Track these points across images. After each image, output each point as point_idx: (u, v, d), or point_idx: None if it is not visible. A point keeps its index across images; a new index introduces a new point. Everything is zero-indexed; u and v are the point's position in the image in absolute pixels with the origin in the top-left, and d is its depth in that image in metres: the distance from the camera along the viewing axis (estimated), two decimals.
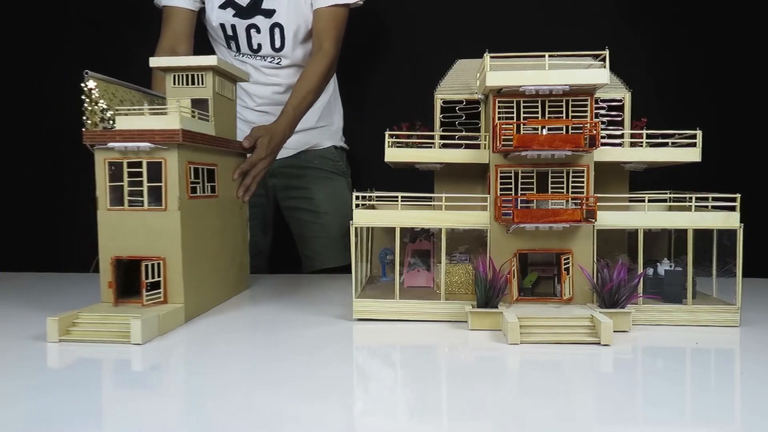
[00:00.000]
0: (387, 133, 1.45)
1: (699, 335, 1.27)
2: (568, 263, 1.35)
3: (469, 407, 0.89)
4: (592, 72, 1.28)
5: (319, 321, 1.40)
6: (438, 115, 1.52)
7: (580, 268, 1.34)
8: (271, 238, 2.23)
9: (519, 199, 1.32)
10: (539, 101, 1.35)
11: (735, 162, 2.20)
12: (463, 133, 1.49)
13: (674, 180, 1.73)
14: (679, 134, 1.42)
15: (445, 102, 1.52)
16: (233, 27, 1.99)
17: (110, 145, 1.33)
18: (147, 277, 1.32)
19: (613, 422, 0.84)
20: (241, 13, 1.97)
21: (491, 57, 1.32)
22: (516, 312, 1.26)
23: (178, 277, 1.36)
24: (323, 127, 2.16)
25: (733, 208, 1.34)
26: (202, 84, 1.51)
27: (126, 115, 1.34)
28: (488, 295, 1.30)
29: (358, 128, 2.31)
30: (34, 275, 2.03)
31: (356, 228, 1.39)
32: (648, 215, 1.36)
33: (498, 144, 1.31)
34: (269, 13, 1.97)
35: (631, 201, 1.48)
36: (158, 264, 1.35)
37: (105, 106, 1.35)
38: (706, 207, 1.38)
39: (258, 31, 1.99)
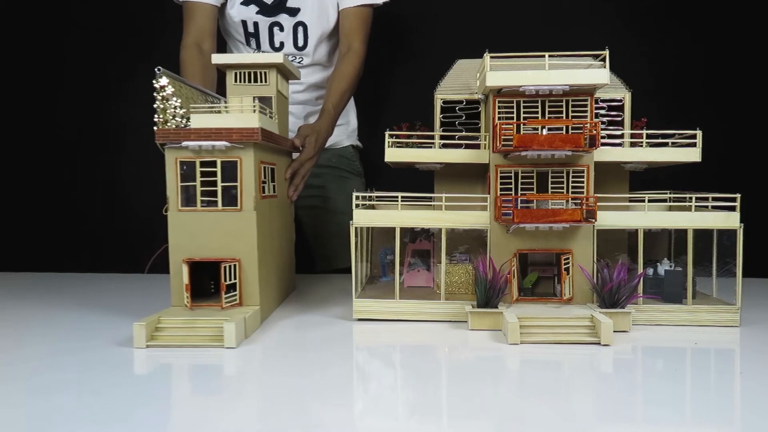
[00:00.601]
0: (387, 133, 1.45)
1: (699, 335, 1.27)
2: (568, 263, 1.35)
3: (469, 407, 0.89)
4: (592, 72, 1.29)
5: (320, 321, 1.40)
6: (438, 115, 1.52)
7: (580, 268, 1.34)
8: None
9: (519, 199, 1.32)
10: (539, 101, 1.35)
11: (735, 162, 2.20)
12: (463, 133, 1.49)
13: (674, 180, 1.73)
14: (679, 134, 1.42)
15: (445, 102, 1.52)
16: (255, 24, 1.98)
17: (184, 143, 1.29)
18: (225, 280, 1.29)
19: (613, 422, 0.84)
20: (265, 10, 1.96)
21: (491, 57, 1.32)
22: (516, 312, 1.26)
23: (254, 278, 1.33)
24: (341, 125, 2.16)
25: (733, 208, 1.34)
26: (266, 82, 1.49)
27: (201, 113, 1.30)
28: (488, 295, 1.30)
29: (362, 128, 2.31)
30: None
31: (356, 228, 1.39)
32: (648, 215, 1.36)
33: (498, 144, 1.31)
34: (294, 12, 1.97)
35: (631, 201, 1.48)
36: (234, 266, 1.32)
37: (179, 104, 1.30)
38: (706, 207, 1.38)
39: (281, 29, 1.98)
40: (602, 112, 1.49)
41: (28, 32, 2.52)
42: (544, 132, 1.32)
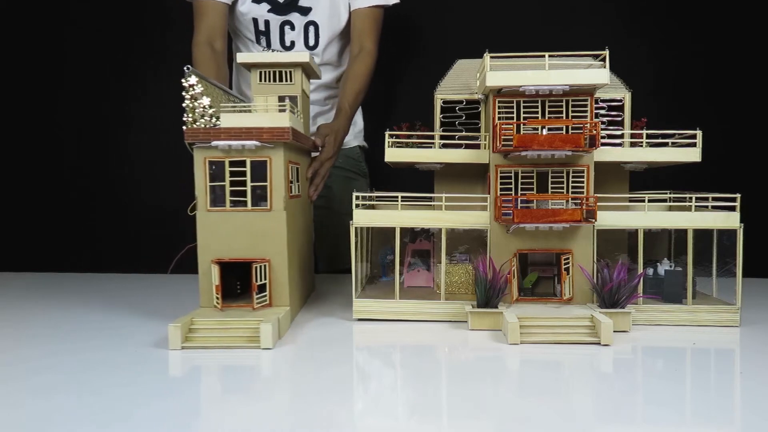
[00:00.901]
0: (387, 133, 1.45)
1: (699, 335, 1.27)
2: (568, 263, 1.35)
3: (469, 407, 0.89)
4: (592, 72, 1.29)
5: (320, 321, 1.40)
6: (438, 115, 1.52)
7: (580, 268, 1.34)
8: None
9: (519, 199, 1.32)
10: (539, 101, 1.35)
11: (735, 162, 2.20)
12: (463, 133, 1.49)
13: (674, 180, 1.72)
14: (679, 134, 1.42)
15: (445, 102, 1.52)
16: (267, 22, 1.97)
17: (214, 143, 1.28)
18: (256, 280, 1.29)
19: (613, 422, 0.84)
20: (277, 9, 1.95)
21: (491, 57, 1.32)
22: (516, 312, 1.26)
23: (284, 279, 1.33)
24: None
25: (733, 208, 1.34)
26: (291, 81, 1.48)
27: (231, 112, 1.30)
28: (488, 295, 1.30)
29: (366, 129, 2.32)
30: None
31: (356, 228, 1.39)
32: (648, 215, 1.36)
33: (498, 144, 1.31)
34: (305, 11, 1.96)
35: (631, 201, 1.48)
36: (264, 266, 1.31)
37: (208, 103, 1.29)
38: (706, 207, 1.38)
39: (292, 28, 1.97)
40: (602, 112, 1.49)
41: (28, 31, 2.52)
42: (544, 132, 1.32)
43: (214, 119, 1.30)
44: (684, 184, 1.61)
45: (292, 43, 1.99)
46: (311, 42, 2.00)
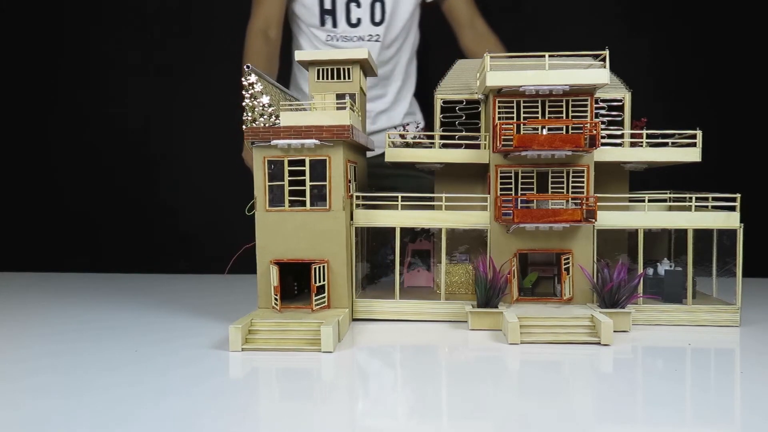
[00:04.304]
0: (387, 134, 1.45)
1: (699, 335, 1.27)
2: (568, 263, 1.35)
3: (469, 407, 0.89)
4: (592, 72, 1.29)
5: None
6: (438, 115, 1.52)
7: (581, 268, 1.34)
8: None
9: (519, 199, 1.32)
10: (539, 101, 1.35)
11: (735, 162, 2.20)
12: (464, 133, 1.49)
13: (674, 180, 1.72)
14: (679, 134, 1.42)
15: (445, 102, 1.52)
16: (333, 1, 1.94)
17: (273, 142, 1.27)
18: (315, 281, 1.27)
19: (613, 422, 0.84)
20: None
21: (491, 57, 1.32)
22: (516, 312, 1.26)
23: (343, 280, 1.31)
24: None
25: (733, 208, 1.34)
26: (349, 78, 1.46)
27: (291, 110, 1.28)
28: (488, 295, 1.30)
29: None
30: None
31: (356, 228, 1.39)
32: (648, 215, 1.36)
33: (498, 144, 1.31)
34: None
35: (631, 201, 1.48)
36: (323, 267, 1.29)
37: (268, 102, 1.28)
38: (706, 207, 1.37)
39: (358, 5, 1.95)
40: (603, 112, 1.49)
41: (27, 32, 2.52)
42: (544, 132, 1.32)
43: (273, 118, 1.29)
44: (684, 184, 1.61)
45: (359, 21, 1.96)
46: (377, 18, 1.97)
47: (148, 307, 1.57)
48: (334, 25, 1.97)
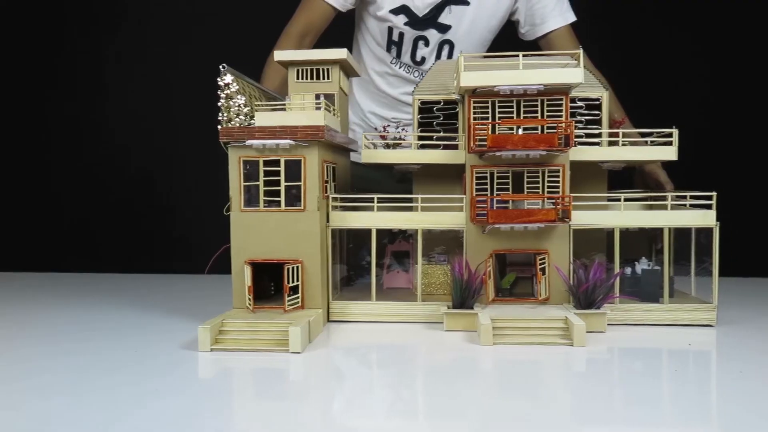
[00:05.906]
0: (363, 135, 1.44)
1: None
2: (543, 263, 1.34)
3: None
4: (566, 71, 1.28)
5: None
6: (416, 116, 1.52)
7: (556, 268, 1.33)
8: None
9: (494, 199, 1.31)
10: (514, 101, 1.34)
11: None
12: (441, 134, 1.48)
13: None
14: (657, 133, 1.42)
15: (422, 103, 1.51)
16: (401, 34, 1.89)
17: (248, 142, 1.26)
18: (288, 282, 1.26)
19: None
20: (414, 23, 1.86)
21: (465, 57, 1.32)
22: (491, 313, 1.25)
23: (317, 281, 1.30)
24: None
25: (709, 207, 1.33)
26: (328, 78, 1.46)
27: (266, 111, 1.28)
28: (464, 296, 1.29)
29: None
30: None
31: (333, 230, 1.39)
32: (624, 214, 1.35)
33: (473, 144, 1.30)
34: (444, 29, 1.87)
35: (609, 200, 1.48)
36: (296, 267, 1.29)
37: (243, 102, 1.28)
38: (685, 205, 1.37)
39: (426, 44, 1.89)
40: (582, 110, 1.48)
41: (28, 31, 2.52)
42: (520, 132, 1.32)
43: (248, 118, 1.28)
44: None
45: (423, 59, 1.92)
46: (443, 58, 1.92)
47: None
48: (398, 56, 1.93)
